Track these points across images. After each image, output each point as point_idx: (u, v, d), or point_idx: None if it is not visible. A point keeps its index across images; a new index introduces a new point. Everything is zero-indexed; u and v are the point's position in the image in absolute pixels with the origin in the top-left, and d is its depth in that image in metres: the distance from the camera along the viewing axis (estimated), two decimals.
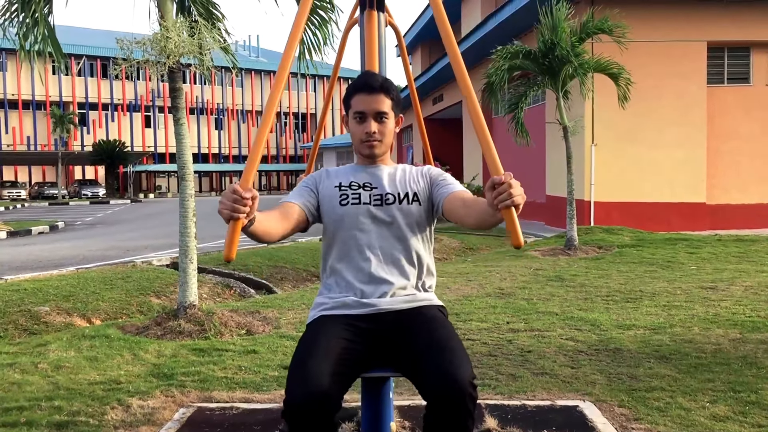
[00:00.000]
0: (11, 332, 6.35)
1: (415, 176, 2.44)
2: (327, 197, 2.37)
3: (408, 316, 2.27)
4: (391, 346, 2.22)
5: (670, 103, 16.38)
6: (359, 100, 2.36)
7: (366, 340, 2.21)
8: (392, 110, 2.37)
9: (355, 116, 2.37)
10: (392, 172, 2.43)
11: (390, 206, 2.34)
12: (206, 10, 6.65)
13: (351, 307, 2.28)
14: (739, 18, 16.39)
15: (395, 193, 2.36)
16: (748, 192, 17.16)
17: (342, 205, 2.34)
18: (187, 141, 6.16)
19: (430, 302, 2.35)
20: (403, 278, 2.33)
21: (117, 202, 42.29)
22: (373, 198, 2.35)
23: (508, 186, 1.78)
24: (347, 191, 2.36)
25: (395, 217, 2.34)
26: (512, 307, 6.63)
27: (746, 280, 7.93)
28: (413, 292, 2.34)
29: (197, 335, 5.60)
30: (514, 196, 1.77)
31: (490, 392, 4.03)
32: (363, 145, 2.37)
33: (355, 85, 2.41)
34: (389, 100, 2.36)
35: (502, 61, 11.81)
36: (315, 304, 2.40)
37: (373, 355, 2.23)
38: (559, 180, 15.84)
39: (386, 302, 2.28)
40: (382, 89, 2.36)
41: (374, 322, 2.25)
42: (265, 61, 64.43)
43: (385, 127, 2.37)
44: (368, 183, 2.38)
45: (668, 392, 3.93)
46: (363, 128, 2.35)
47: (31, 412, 3.78)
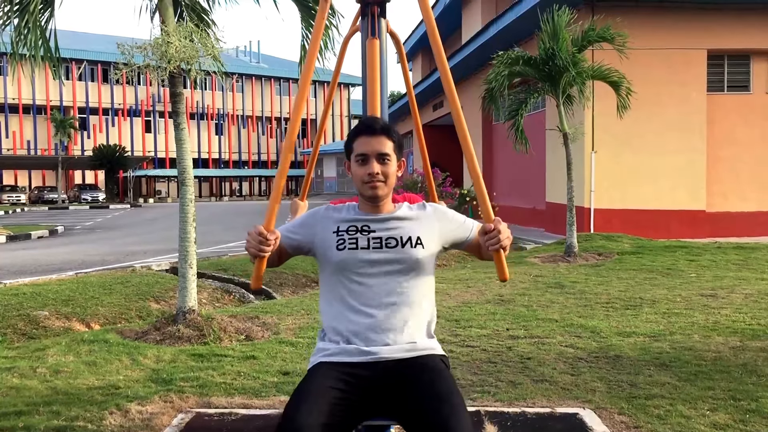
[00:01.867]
0: (10, 336, 6.33)
1: (417, 216, 2.39)
2: (325, 243, 2.34)
3: (409, 365, 2.23)
4: (391, 395, 2.19)
5: (671, 111, 16.40)
6: (361, 143, 2.33)
7: (364, 390, 2.18)
8: (394, 152, 2.34)
9: (358, 158, 2.32)
10: (394, 215, 2.37)
11: (391, 249, 2.30)
12: (198, 17, 6.67)
13: (351, 354, 2.24)
14: (739, 26, 16.43)
15: (398, 237, 2.32)
16: (748, 199, 17.16)
17: (339, 250, 2.30)
18: (188, 146, 6.16)
19: (433, 351, 2.31)
20: (405, 325, 2.28)
21: (117, 207, 42.28)
22: (372, 241, 2.30)
23: (497, 232, 2.12)
24: (344, 236, 2.32)
25: (397, 260, 2.29)
26: (512, 314, 6.62)
27: (746, 288, 7.92)
28: (415, 340, 2.29)
29: (196, 340, 5.59)
30: (501, 240, 2.12)
31: (490, 399, 4.02)
32: (365, 187, 2.32)
33: (356, 128, 2.38)
34: (391, 142, 2.34)
35: (502, 67, 11.83)
36: (316, 350, 2.35)
37: (370, 404, 2.20)
38: (559, 187, 15.83)
39: (387, 350, 2.24)
40: (384, 131, 2.34)
41: (374, 369, 2.22)
42: (266, 67, 64.50)
43: (388, 169, 2.32)
44: (366, 226, 2.34)
45: (668, 400, 3.93)
46: (365, 170, 2.30)
47: (29, 416, 3.77)
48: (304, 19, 6.76)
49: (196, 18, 6.61)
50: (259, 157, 63.62)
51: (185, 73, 5.97)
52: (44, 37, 5.98)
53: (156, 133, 58.62)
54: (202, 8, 6.75)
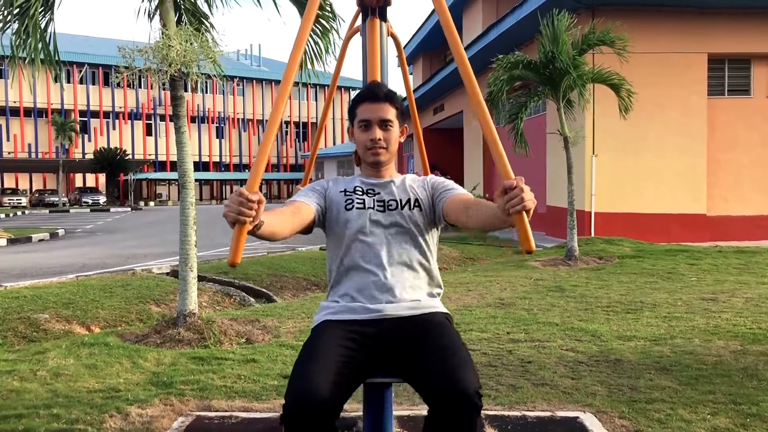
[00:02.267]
0: (10, 339, 6.33)
1: (417, 183, 2.47)
2: (334, 202, 2.40)
3: (413, 322, 2.26)
4: (395, 352, 2.21)
5: (671, 115, 16.41)
6: (364, 109, 2.40)
7: (369, 347, 2.21)
8: (397, 119, 2.41)
9: (360, 124, 2.39)
10: (395, 180, 2.46)
11: (393, 212, 2.36)
12: (198, 21, 6.68)
13: (356, 312, 2.28)
14: (740, 30, 16.45)
15: (398, 199, 2.39)
16: (749, 203, 17.17)
17: (347, 209, 2.36)
18: (188, 149, 6.16)
19: (436, 309, 2.35)
20: (409, 284, 2.33)
21: (117, 210, 42.29)
22: (377, 203, 2.38)
23: (519, 191, 1.78)
24: (352, 196, 2.40)
25: (398, 222, 2.36)
26: (512, 318, 6.61)
27: (747, 292, 7.91)
28: (418, 298, 2.33)
29: (197, 343, 5.59)
30: (525, 200, 1.77)
31: (491, 403, 4.02)
32: (368, 153, 2.39)
33: (359, 94, 2.45)
34: (394, 108, 2.40)
35: (501, 71, 11.84)
36: (321, 307, 2.41)
37: (375, 362, 2.23)
38: (560, 190, 15.83)
39: (392, 308, 2.28)
40: (387, 98, 2.40)
41: (379, 327, 2.25)
42: (267, 70, 64.61)
43: (390, 135, 2.39)
44: (371, 189, 2.42)
45: (669, 404, 3.92)
46: (368, 135, 2.38)
47: (29, 419, 3.77)
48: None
49: (196, 22, 6.62)
50: None
51: (186, 77, 5.98)
52: (44, 41, 5.99)
53: (157, 136, 58.69)
54: (201, 13, 6.77)
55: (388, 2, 2.87)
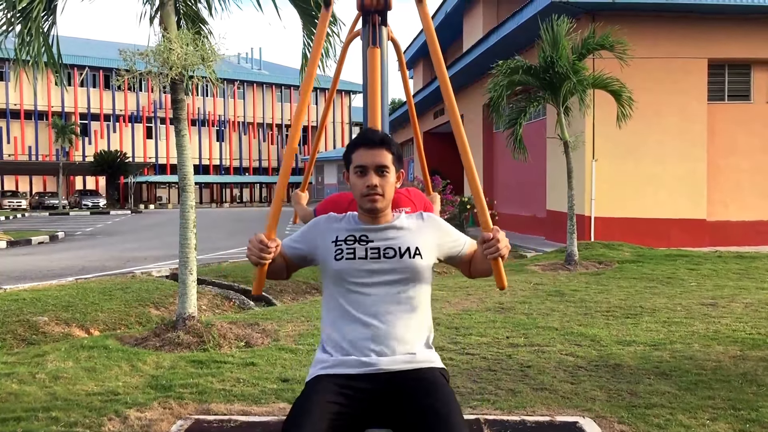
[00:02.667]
0: (9, 342, 6.33)
1: (415, 227, 2.39)
2: (324, 252, 2.35)
3: (409, 377, 2.23)
4: (390, 406, 2.19)
5: (671, 120, 16.43)
6: (360, 155, 2.33)
7: (362, 402, 2.18)
8: (393, 164, 2.34)
9: (356, 170, 2.33)
10: (392, 226, 2.38)
11: (390, 260, 2.30)
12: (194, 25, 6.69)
13: (350, 366, 2.24)
14: (740, 35, 16.47)
15: (396, 247, 2.32)
16: (748, 209, 17.17)
17: (336, 260, 2.31)
18: (189, 152, 6.17)
19: (432, 364, 2.30)
20: (403, 335, 2.28)
21: (117, 213, 42.29)
22: (370, 251, 2.31)
23: (496, 241, 2.19)
24: (342, 246, 2.33)
25: (395, 270, 2.30)
26: (512, 322, 6.61)
27: (747, 297, 7.91)
28: (414, 351, 2.28)
29: (196, 347, 5.59)
30: (500, 249, 2.19)
31: (490, 407, 4.02)
32: (364, 199, 2.32)
33: (355, 140, 2.38)
34: (390, 154, 2.33)
35: (501, 77, 11.85)
36: (315, 361, 2.35)
37: (369, 416, 2.20)
38: (560, 195, 15.84)
39: (386, 361, 2.23)
40: (383, 143, 2.34)
41: (374, 382, 2.21)
42: (267, 74, 64.64)
43: (386, 181, 2.32)
44: (365, 236, 2.34)
45: (668, 409, 3.92)
46: (364, 182, 2.30)
47: (28, 422, 3.77)
48: (305, 27, 6.78)
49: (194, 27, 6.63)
50: (260, 163, 63.69)
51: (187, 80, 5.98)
52: (47, 43, 6.00)
53: (157, 139, 58.70)
54: (201, 19, 6.78)
55: (388, 6, 2.87)
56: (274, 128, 64.21)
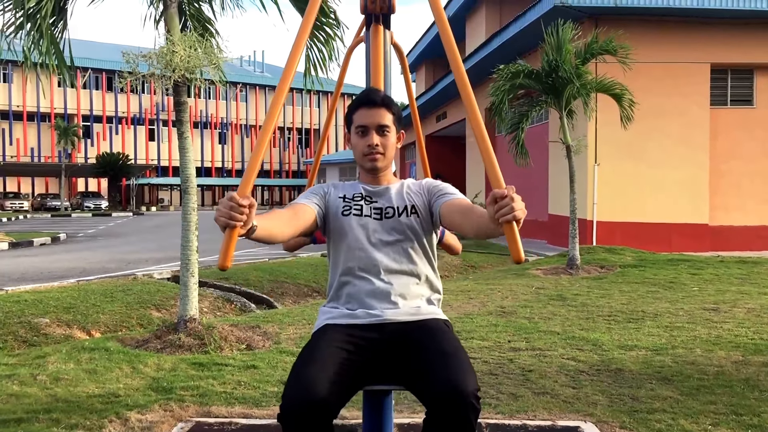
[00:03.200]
0: (10, 343, 6.33)
1: (414, 189, 2.46)
2: (333, 206, 2.41)
3: (413, 327, 2.27)
4: (395, 357, 2.22)
5: (673, 124, 16.43)
6: (361, 115, 2.40)
7: (368, 353, 2.21)
8: (394, 124, 2.41)
9: (357, 130, 2.40)
10: (393, 187, 2.46)
11: (389, 219, 2.36)
12: (202, 26, 6.70)
13: (356, 317, 2.29)
14: (743, 40, 16.48)
15: (395, 207, 2.38)
16: (750, 213, 17.16)
17: (344, 215, 2.37)
18: (191, 155, 6.17)
19: (435, 316, 2.35)
20: (408, 291, 2.33)
21: (119, 215, 42.33)
22: (374, 210, 2.38)
23: (510, 200, 1.77)
24: (350, 203, 2.40)
25: (396, 229, 2.36)
26: (513, 326, 6.60)
27: (749, 302, 7.90)
28: (418, 304, 2.34)
29: (197, 349, 5.58)
30: (515, 210, 1.77)
31: (491, 411, 4.01)
32: (365, 159, 2.40)
33: (356, 100, 2.45)
34: (390, 114, 2.40)
35: (502, 81, 11.86)
36: (321, 312, 2.41)
37: (375, 367, 2.23)
38: (562, 199, 15.84)
39: (392, 313, 2.28)
40: (384, 104, 2.40)
41: (379, 332, 2.26)
42: (270, 77, 64.74)
43: (387, 141, 2.39)
44: (369, 196, 2.42)
45: (670, 414, 3.91)
46: (365, 141, 2.38)
47: (28, 424, 3.76)
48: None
49: (201, 28, 6.64)
50: (262, 166, 63.67)
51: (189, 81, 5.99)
52: (56, 44, 6.01)
53: (159, 141, 58.81)
54: (206, 18, 6.79)
55: (391, 10, 2.88)
56: (276, 131, 64.30)
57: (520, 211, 1.78)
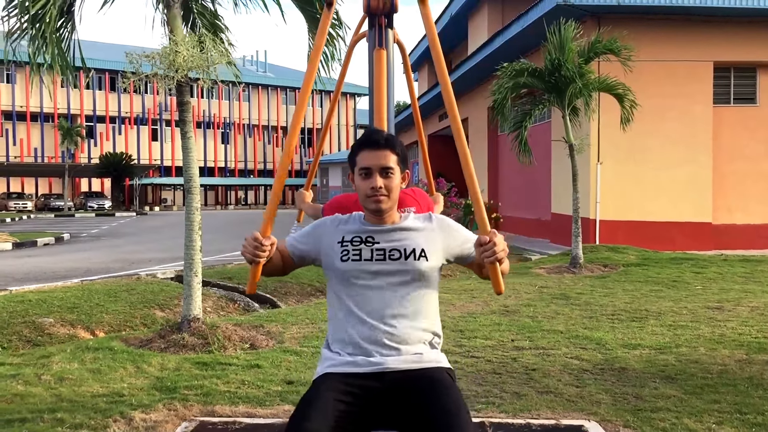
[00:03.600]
0: (15, 343, 6.35)
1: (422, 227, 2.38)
2: (330, 251, 2.35)
3: (416, 377, 2.22)
4: (397, 406, 2.19)
5: (676, 123, 16.39)
6: (364, 156, 2.32)
7: (370, 401, 2.19)
8: (398, 165, 2.32)
9: (361, 172, 2.31)
10: (398, 227, 2.37)
11: (395, 261, 2.29)
12: (210, 23, 6.71)
13: (358, 365, 2.24)
14: (746, 39, 16.43)
15: (401, 249, 2.31)
16: (754, 212, 17.11)
17: (342, 260, 2.31)
18: (194, 154, 6.18)
19: (439, 364, 2.30)
20: (410, 336, 2.28)
21: (122, 215, 42.39)
22: (376, 253, 2.30)
23: (492, 245, 2.10)
24: (348, 247, 2.32)
25: (401, 272, 2.29)
26: (517, 325, 6.60)
27: (752, 301, 7.89)
28: (421, 351, 2.28)
29: (201, 349, 5.59)
30: (497, 253, 2.10)
31: (495, 410, 4.01)
32: (369, 201, 2.31)
33: (359, 141, 2.36)
34: (394, 155, 2.32)
35: (506, 79, 11.84)
36: (322, 359, 2.36)
37: (376, 416, 2.20)
38: (565, 198, 15.82)
39: (393, 361, 2.24)
40: (387, 145, 2.32)
41: (381, 381, 2.22)
42: (272, 76, 64.76)
43: (391, 182, 2.31)
44: (371, 237, 2.34)
45: (674, 413, 3.91)
46: (368, 184, 2.29)
47: (33, 423, 3.78)
48: (310, 30, 6.79)
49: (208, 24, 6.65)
50: (265, 165, 63.78)
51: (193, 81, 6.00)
52: (60, 47, 6.03)
53: (162, 141, 58.87)
54: (213, 13, 6.79)
55: (394, 9, 2.87)
56: (279, 131, 64.32)
57: (502, 252, 2.12)
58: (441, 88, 2.29)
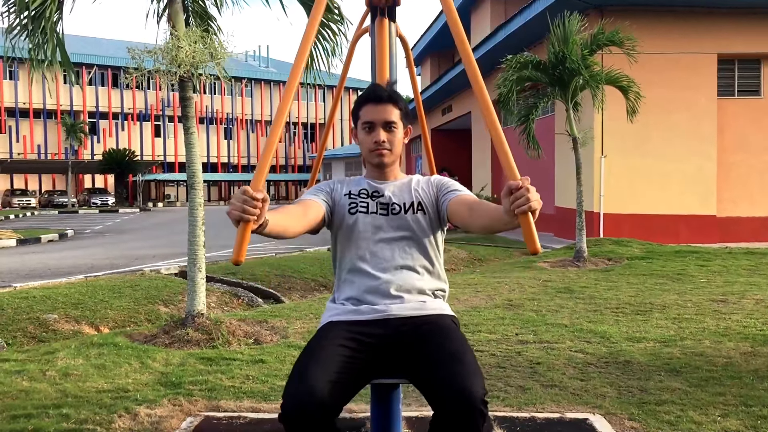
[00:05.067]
0: (20, 340, 6.36)
1: (422, 186, 2.45)
2: (339, 204, 2.40)
3: (419, 323, 2.25)
4: (401, 353, 2.20)
5: (680, 115, 16.35)
6: (368, 111, 2.37)
7: (373, 348, 2.20)
8: (401, 120, 2.38)
9: (364, 126, 2.37)
10: (400, 183, 2.44)
11: (396, 215, 2.35)
12: (204, 23, 6.69)
13: (362, 313, 2.28)
14: (750, 30, 16.37)
15: (401, 203, 2.37)
16: (758, 205, 17.08)
17: (351, 213, 2.36)
18: (197, 150, 6.18)
19: (442, 311, 2.34)
20: (414, 286, 2.32)
21: (126, 211, 42.45)
22: (380, 207, 2.37)
23: (525, 190, 1.77)
24: (356, 199, 2.39)
25: (402, 226, 2.35)
26: (521, 319, 6.59)
27: (757, 293, 7.87)
28: (424, 299, 2.32)
29: (205, 344, 5.60)
30: (531, 201, 1.77)
31: (499, 404, 4.00)
32: (372, 155, 2.38)
33: (363, 96, 2.42)
34: (397, 110, 2.37)
35: (511, 71, 11.81)
36: (326, 309, 2.41)
37: (380, 363, 2.22)
38: (568, 191, 15.80)
39: (397, 308, 2.27)
40: (390, 99, 2.37)
41: (384, 327, 2.24)
42: (275, 71, 64.71)
43: (394, 137, 2.37)
44: (376, 192, 2.40)
45: (679, 406, 3.90)
46: (372, 138, 2.36)
47: (38, 419, 3.78)
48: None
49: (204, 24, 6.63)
50: None
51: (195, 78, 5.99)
52: (61, 43, 6.02)
53: (165, 137, 58.91)
54: (209, 15, 6.78)
55: (397, 2, 2.86)
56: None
57: (536, 202, 1.78)
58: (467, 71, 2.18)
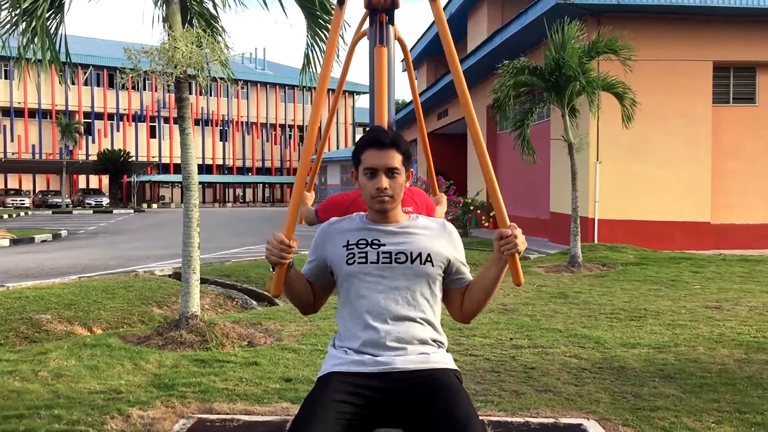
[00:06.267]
0: (12, 340, 6.33)
1: (435, 231, 2.37)
2: (336, 258, 2.33)
3: (423, 377, 2.20)
4: (404, 408, 2.16)
5: (676, 122, 16.39)
6: (369, 156, 2.30)
7: (376, 402, 2.16)
8: (403, 165, 2.30)
9: (366, 172, 2.29)
10: (404, 227, 2.35)
11: (401, 265, 2.28)
12: (208, 24, 6.69)
13: (365, 365, 2.22)
14: (746, 38, 16.43)
15: (407, 253, 2.29)
16: (753, 212, 17.12)
17: (348, 264, 2.29)
18: (192, 151, 6.17)
19: (446, 365, 2.28)
20: (416, 339, 2.26)
21: (120, 212, 42.33)
22: (382, 256, 2.29)
23: (514, 237, 2.18)
24: (354, 250, 2.31)
25: (405, 276, 2.28)
26: (515, 324, 6.59)
27: (751, 300, 7.89)
28: (427, 351, 2.27)
29: (199, 346, 5.58)
30: (518, 245, 2.18)
31: (493, 409, 4.00)
32: (374, 201, 2.29)
33: (364, 140, 2.34)
34: (400, 155, 2.30)
35: (507, 77, 11.83)
36: (328, 356, 2.34)
37: (382, 416, 2.18)
38: (563, 196, 15.81)
39: (401, 361, 2.22)
40: (393, 144, 2.29)
41: (387, 381, 2.19)
42: (271, 74, 64.68)
43: (396, 183, 2.29)
44: (376, 240, 2.32)
45: (673, 412, 3.90)
46: (374, 184, 2.27)
47: (30, 420, 3.76)
48: (310, 27, 6.77)
49: (205, 24, 6.63)
50: (263, 163, 63.69)
51: (191, 79, 5.98)
52: (51, 41, 6.00)
53: (161, 138, 58.79)
54: (211, 14, 6.78)
55: (395, 5, 2.85)
56: (277, 128, 64.24)
57: (522, 245, 2.19)
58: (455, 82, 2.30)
